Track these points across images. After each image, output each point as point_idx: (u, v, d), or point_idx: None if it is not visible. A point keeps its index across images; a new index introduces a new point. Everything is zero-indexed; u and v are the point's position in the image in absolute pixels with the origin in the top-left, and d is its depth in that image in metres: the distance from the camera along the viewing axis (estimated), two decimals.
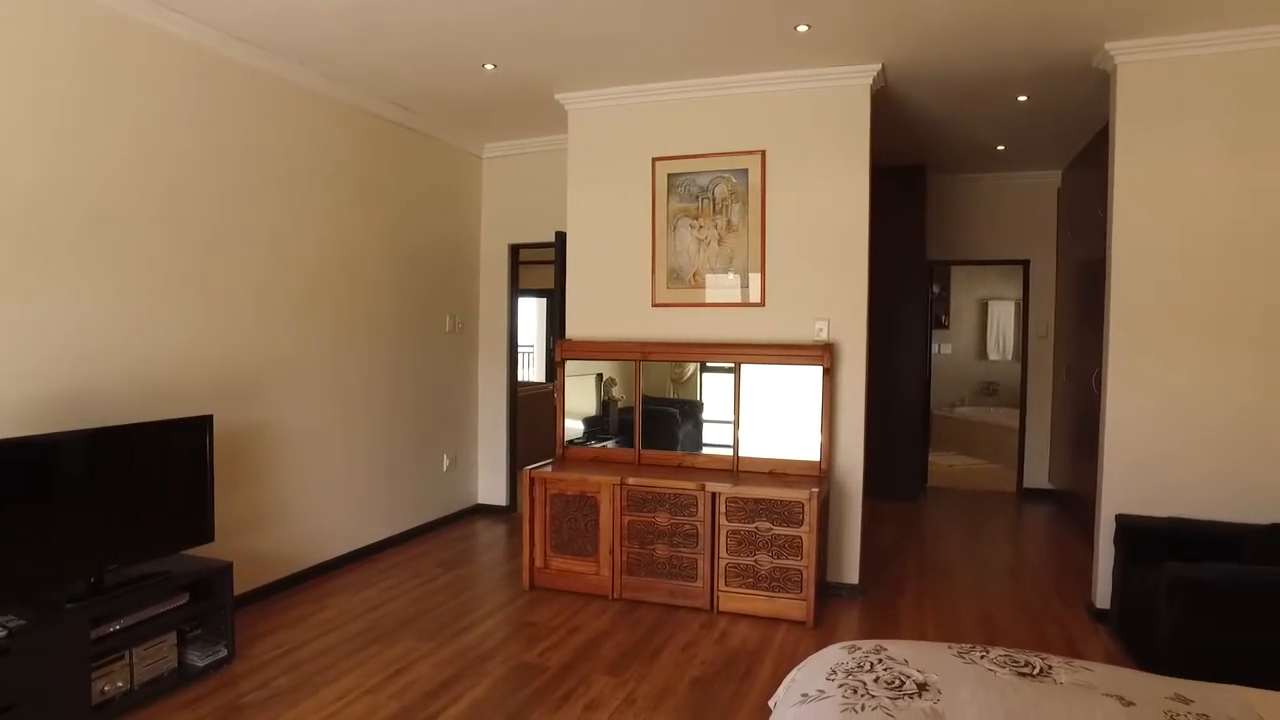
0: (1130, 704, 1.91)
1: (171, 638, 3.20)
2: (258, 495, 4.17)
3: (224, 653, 3.37)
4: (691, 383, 4.86)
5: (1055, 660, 2.19)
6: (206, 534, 3.44)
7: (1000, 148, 6.10)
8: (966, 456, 8.91)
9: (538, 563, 4.44)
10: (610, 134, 4.83)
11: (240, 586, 3.84)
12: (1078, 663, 2.20)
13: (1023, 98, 4.82)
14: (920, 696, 1.95)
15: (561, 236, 5.18)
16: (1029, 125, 5.44)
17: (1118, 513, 3.89)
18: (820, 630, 3.87)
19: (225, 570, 3.39)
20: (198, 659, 3.29)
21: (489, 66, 4.32)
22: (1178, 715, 1.86)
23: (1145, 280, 3.94)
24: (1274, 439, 3.76)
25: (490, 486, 6.28)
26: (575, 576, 4.37)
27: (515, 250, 6.19)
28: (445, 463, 5.85)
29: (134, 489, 3.18)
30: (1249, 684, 2.18)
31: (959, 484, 7.67)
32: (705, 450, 4.69)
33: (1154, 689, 2.02)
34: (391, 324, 5.24)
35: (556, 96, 4.84)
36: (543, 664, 3.48)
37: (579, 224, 4.93)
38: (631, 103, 4.74)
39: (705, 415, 4.78)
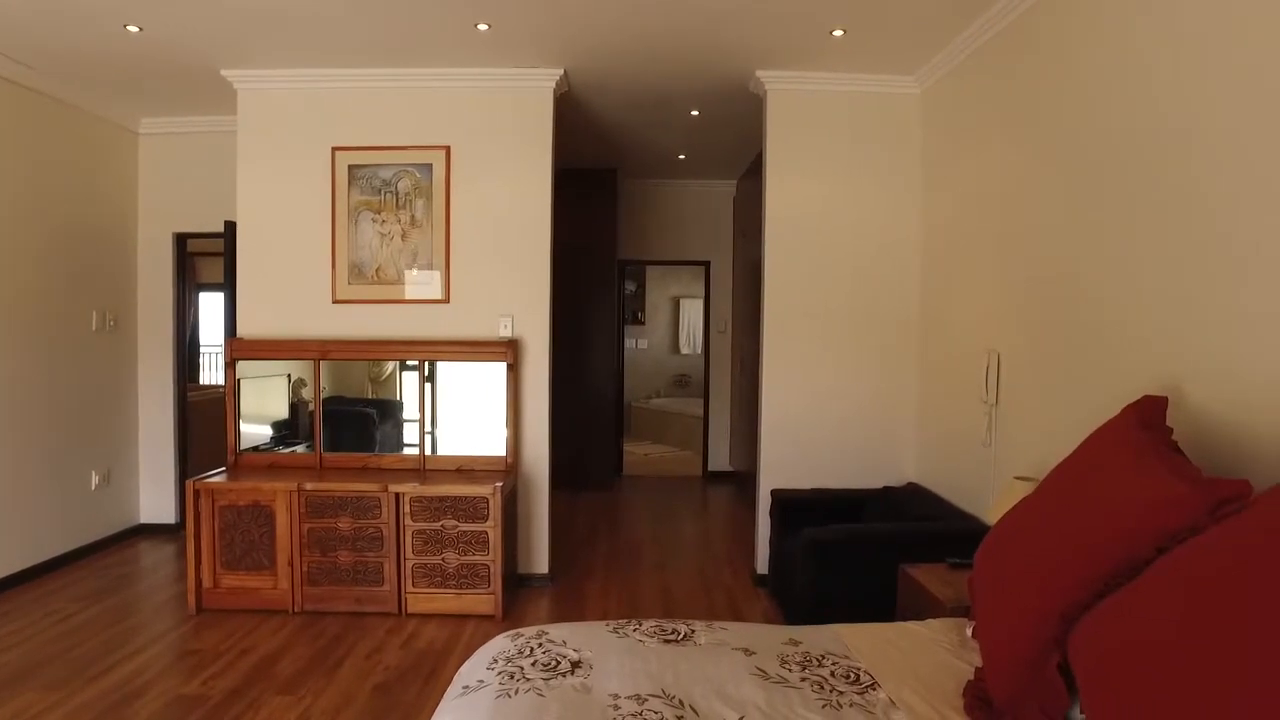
0: (753, 653, 2.19)
1: None
2: None
3: None
4: (391, 382, 4.70)
5: (699, 625, 2.43)
6: None
7: (681, 156, 6.61)
8: (661, 445, 9.55)
9: (206, 582, 4.04)
10: (286, 119, 4.50)
11: None
12: (717, 624, 2.46)
13: (695, 112, 5.25)
14: (573, 674, 2.06)
15: (232, 226, 4.74)
16: (704, 138, 5.95)
17: (772, 488, 4.40)
18: (508, 622, 3.91)
19: None
20: None
21: (132, 28, 3.82)
22: (787, 656, 2.17)
23: (791, 287, 4.49)
24: (889, 424, 4.50)
25: (156, 503, 5.59)
26: (250, 593, 4.04)
27: (182, 240, 5.57)
28: (94, 480, 5.10)
29: None
30: (862, 620, 2.55)
31: (653, 471, 8.20)
32: (406, 450, 4.56)
33: (773, 637, 2.33)
34: (15, 322, 4.45)
35: (223, 73, 4.42)
36: (205, 694, 3.17)
37: (251, 213, 4.55)
38: (310, 87, 4.47)
39: (405, 415, 4.64)
